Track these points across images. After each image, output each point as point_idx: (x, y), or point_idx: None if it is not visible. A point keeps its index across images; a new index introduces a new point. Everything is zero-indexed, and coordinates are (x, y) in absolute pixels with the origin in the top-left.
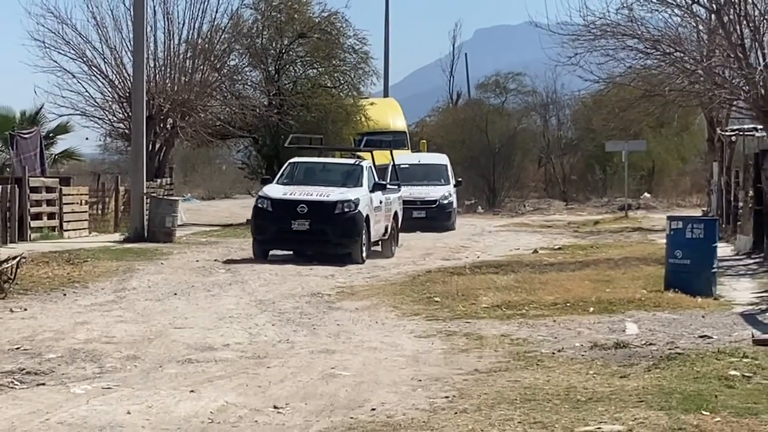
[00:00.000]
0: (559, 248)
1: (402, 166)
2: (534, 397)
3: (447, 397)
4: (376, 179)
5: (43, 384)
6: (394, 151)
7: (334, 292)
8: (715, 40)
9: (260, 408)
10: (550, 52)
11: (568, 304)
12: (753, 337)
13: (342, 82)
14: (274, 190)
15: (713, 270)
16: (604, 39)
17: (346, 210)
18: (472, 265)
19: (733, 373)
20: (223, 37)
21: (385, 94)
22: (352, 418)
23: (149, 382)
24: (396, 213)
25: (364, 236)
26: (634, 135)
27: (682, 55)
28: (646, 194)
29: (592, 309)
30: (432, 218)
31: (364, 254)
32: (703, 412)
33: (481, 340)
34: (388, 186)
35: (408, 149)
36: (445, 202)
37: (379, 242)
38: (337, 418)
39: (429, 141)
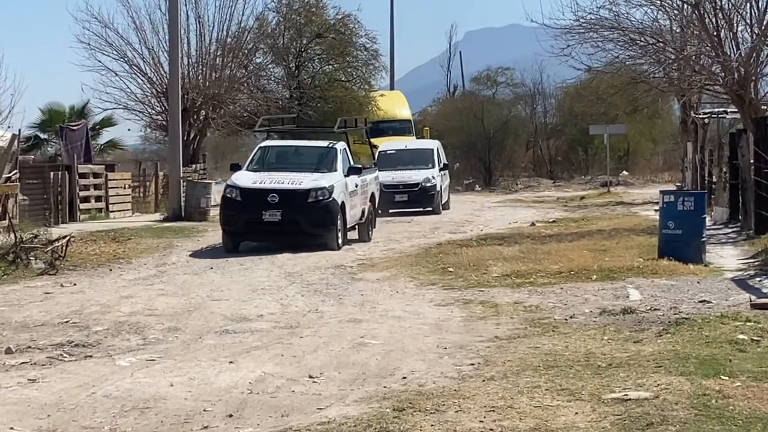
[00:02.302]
0: (554, 221)
1: (389, 151)
2: (556, 363)
3: (473, 364)
4: (352, 162)
5: (90, 356)
6: (399, 137)
7: (356, 264)
8: (689, 32)
9: (296, 378)
10: (539, 47)
11: (572, 273)
12: (751, 301)
13: (355, 76)
14: (244, 178)
15: (702, 239)
16: (594, 32)
17: (320, 198)
18: (477, 237)
19: (741, 337)
20: (249, 37)
21: (392, 87)
22: (385, 387)
23: (190, 353)
24: (373, 194)
25: (339, 224)
26: (612, 120)
27: (663, 45)
28: (624, 172)
29: (594, 276)
30: (414, 201)
31: (339, 241)
32: (722, 377)
33: (497, 307)
34: (364, 168)
35: (413, 135)
36: (428, 185)
37: (356, 226)
38: (371, 387)
39: (431, 128)
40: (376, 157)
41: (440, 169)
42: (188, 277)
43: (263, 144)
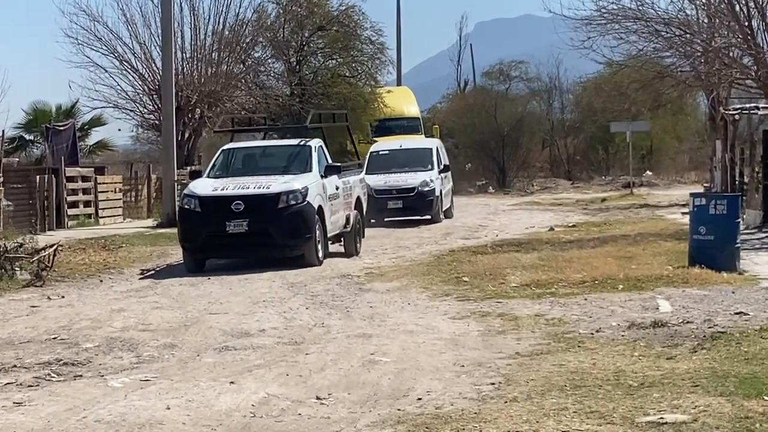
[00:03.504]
0: (574, 225)
1: (381, 152)
2: (583, 382)
3: (493, 383)
4: (329, 161)
5: (81, 376)
6: (407, 136)
7: (363, 274)
8: (718, 22)
9: (303, 399)
10: (556, 38)
11: (596, 282)
12: None
13: (360, 71)
14: (203, 186)
15: (737, 245)
16: (616, 23)
17: (292, 203)
18: (493, 243)
19: None
20: (247, 30)
21: (399, 83)
22: (399, 409)
23: (188, 372)
24: (359, 199)
25: (318, 233)
26: (634, 116)
27: (690, 36)
28: (648, 172)
29: (621, 286)
30: (410, 208)
31: (320, 254)
32: (765, 398)
33: (516, 320)
34: (344, 168)
35: (422, 134)
36: (426, 189)
37: (341, 237)
38: (384, 409)
39: (441, 126)
40: (367, 159)
41: (440, 171)
42: (184, 289)
43: (226, 146)
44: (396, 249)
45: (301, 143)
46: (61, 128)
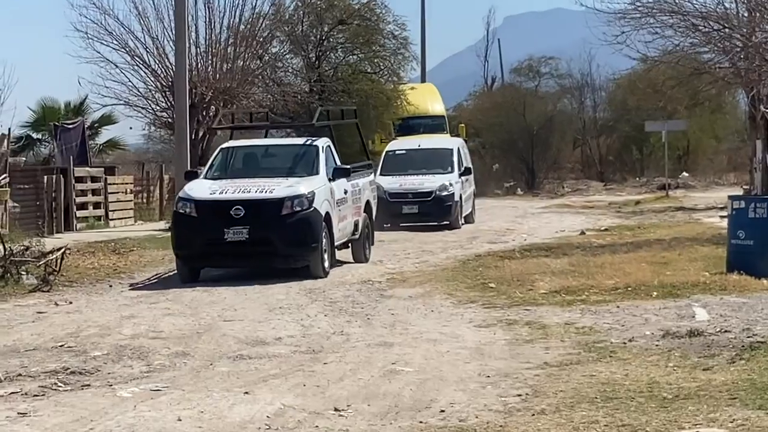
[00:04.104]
0: (606, 229)
1: (397, 152)
2: (615, 394)
3: (520, 395)
4: (338, 162)
5: (88, 385)
6: (431, 135)
7: (385, 279)
8: (758, 16)
9: (320, 411)
10: (588, 33)
11: (629, 289)
12: None
13: (382, 67)
14: (200, 189)
15: None
16: (651, 17)
17: (297, 209)
18: (521, 248)
19: None
20: (264, 24)
21: (423, 80)
22: (421, 422)
23: (200, 382)
24: (368, 203)
25: (324, 242)
26: (670, 115)
27: (729, 31)
28: (684, 173)
29: (655, 293)
30: (426, 214)
31: (326, 264)
32: None
33: (545, 329)
34: (354, 170)
35: (447, 133)
36: (444, 193)
37: (349, 243)
38: (405, 422)
39: (467, 125)
40: (381, 159)
41: (461, 174)
42: (197, 294)
43: (225, 145)
44: (419, 253)
45: (308, 143)
46: (70, 126)
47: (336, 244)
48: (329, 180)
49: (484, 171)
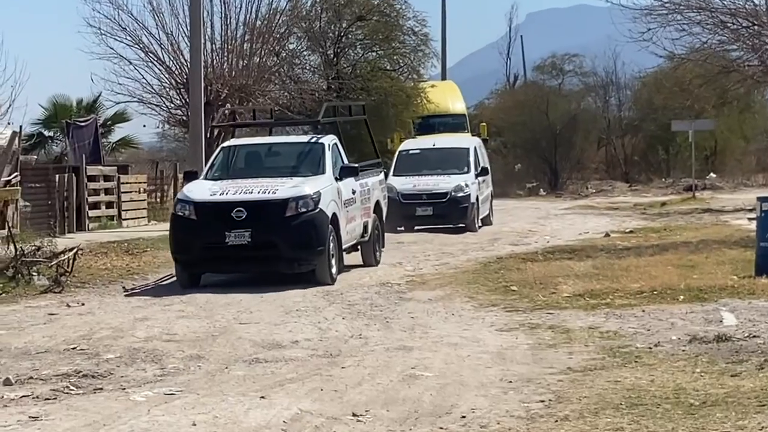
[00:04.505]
0: (631, 231)
1: (411, 151)
2: (641, 401)
3: (543, 401)
4: (345, 161)
5: (101, 389)
6: (452, 134)
7: (404, 281)
8: None
9: (338, 416)
10: (613, 30)
11: (655, 292)
12: None
13: (402, 64)
14: (200, 190)
15: None
16: (678, 14)
17: (302, 210)
18: (544, 250)
19: None
20: (281, 20)
21: (443, 77)
22: (441, 428)
23: (215, 386)
24: (378, 203)
25: (331, 245)
26: (697, 114)
27: (759, 28)
28: (711, 174)
29: (681, 297)
30: (441, 216)
31: (333, 270)
32: None
33: (568, 333)
34: (363, 168)
35: (468, 132)
36: (460, 195)
37: (358, 246)
38: (425, 428)
39: (488, 124)
40: (395, 158)
41: (477, 175)
42: (212, 296)
43: (226, 144)
44: (439, 255)
45: (313, 140)
46: (83, 124)
47: (344, 247)
48: (336, 179)
49: (506, 171)
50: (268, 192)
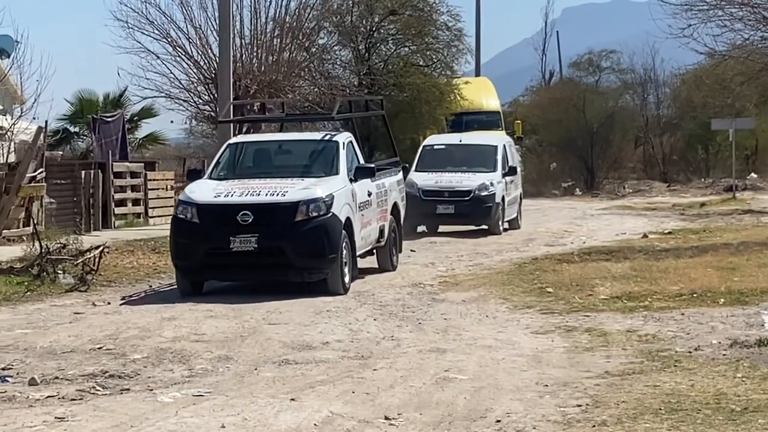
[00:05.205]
0: (669, 232)
1: (436, 147)
2: (680, 406)
3: (580, 405)
4: (361, 160)
5: (128, 390)
6: (486, 132)
7: (436, 282)
8: None
9: (370, 419)
10: (652, 25)
11: (694, 295)
12: None
13: (435, 60)
14: (203, 191)
15: None
16: (719, 9)
17: (313, 214)
18: (580, 251)
19: None
20: (311, 14)
21: (477, 73)
22: None
23: (244, 387)
24: (396, 205)
25: (344, 252)
26: (738, 113)
27: None
28: (752, 174)
29: (722, 300)
30: (463, 215)
31: (347, 279)
32: None
33: (606, 336)
34: (379, 168)
35: (502, 129)
36: (484, 194)
37: (373, 250)
38: (458, 431)
39: (523, 121)
40: (418, 153)
41: (505, 174)
42: (240, 296)
43: (233, 140)
44: (473, 255)
45: (326, 138)
46: (109, 120)
47: (358, 253)
48: (351, 180)
49: (541, 170)
50: (277, 194)
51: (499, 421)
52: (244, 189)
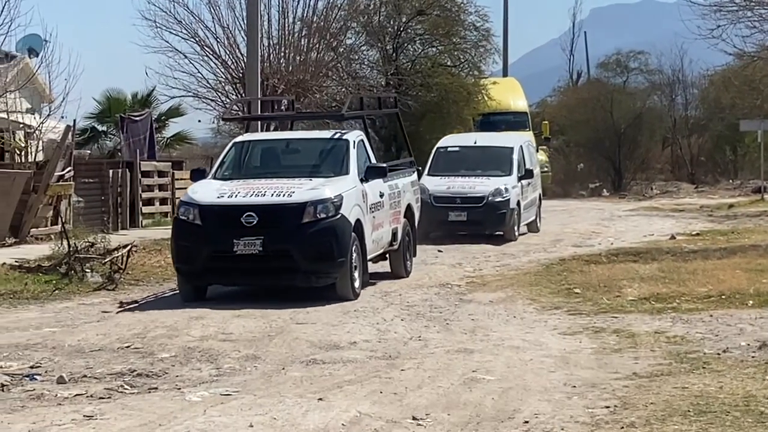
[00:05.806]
0: (697, 234)
1: (449, 149)
2: (709, 408)
3: (608, 407)
4: (373, 159)
5: (156, 388)
6: (514, 133)
7: (464, 283)
8: None
9: (397, 419)
10: (680, 26)
11: (723, 297)
12: None
13: (462, 60)
14: (206, 191)
15: None
16: (749, 10)
17: (322, 216)
18: (607, 252)
19: None
20: (339, 14)
21: (505, 74)
22: None
23: (272, 387)
24: (409, 207)
25: (354, 255)
26: (766, 114)
27: None
28: None
29: (751, 302)
30: (476, 222)
31: (356, 284)
32: None
33: (634, 338)
34: (392, 168)
35: (529, 130)
36: (498, 200)
37: (386, 254)
38: None
39: (551, 122)
40: (431, 156)
41: (521, 177)
42: (267, 296)
43: (239, 138)
44: (500, 256)
45: (336, 136)
46: (137, 119)
47: (369, 257)
48: (361, 181)
49: (568, 171)
50: (283, 195)
51: (527, 422)
52: (249, 189)
